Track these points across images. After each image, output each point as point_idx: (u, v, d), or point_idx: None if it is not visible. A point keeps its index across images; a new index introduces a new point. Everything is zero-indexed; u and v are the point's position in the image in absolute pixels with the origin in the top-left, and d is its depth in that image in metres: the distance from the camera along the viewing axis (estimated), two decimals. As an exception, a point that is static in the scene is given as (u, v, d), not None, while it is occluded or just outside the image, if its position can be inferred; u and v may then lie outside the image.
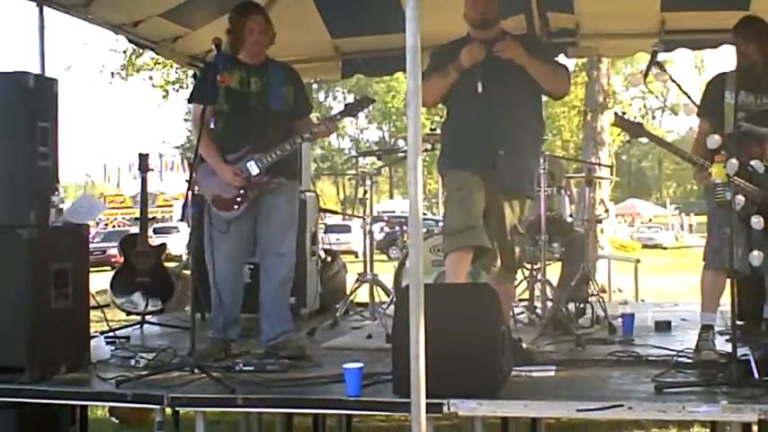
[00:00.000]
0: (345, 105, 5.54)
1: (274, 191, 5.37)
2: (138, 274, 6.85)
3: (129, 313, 6.98)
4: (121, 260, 7.15)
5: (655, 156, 69.13)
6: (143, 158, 6.93)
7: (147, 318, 6.82)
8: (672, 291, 13.33)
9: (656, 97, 45.41)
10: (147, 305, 6.80)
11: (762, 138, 5.01)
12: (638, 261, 11.35)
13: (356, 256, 23.24)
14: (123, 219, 38.28)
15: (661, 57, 4.80)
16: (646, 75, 4.77)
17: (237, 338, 5.50)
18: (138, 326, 6.69)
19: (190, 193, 5.00)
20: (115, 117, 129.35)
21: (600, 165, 12.70)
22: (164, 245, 7.33)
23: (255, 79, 5.40)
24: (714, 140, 4.39)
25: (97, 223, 36.26)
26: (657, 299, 9.98)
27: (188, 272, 5.23)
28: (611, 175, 10.89)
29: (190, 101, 5.58)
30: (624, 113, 4.85)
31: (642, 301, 10.03)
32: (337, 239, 25.29)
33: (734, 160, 4.26)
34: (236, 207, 5.31)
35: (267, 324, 5.42)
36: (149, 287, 6.83)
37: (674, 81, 4.72)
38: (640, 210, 54.56)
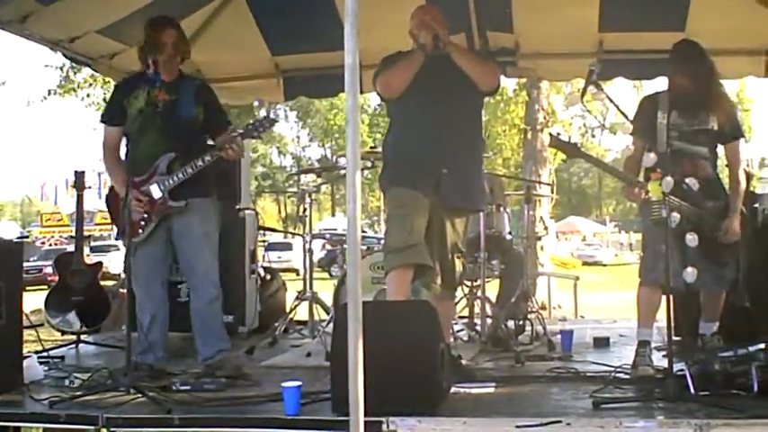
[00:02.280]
0: (247, 126, 5.39)
1: (184, 211, 5.29)
2: (74, 293, 6.72)
3: (63, 333, 6.85)
4: (56, 279, 7.02)
5: (595, 174, 70.09)
6: (79, 176, 6.81)
7: (83, 337, 6.70)
8: (611, 307, 13.44)
9: (595, 117, 46.10)
10: (82, 324, 6.67)
11: (694, 156, 5.13)
12: (577, 278, 11.47)
13: (297, 274, 23.07)
14: (60, 237, 37.65)
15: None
16: (583, 94, 4.82)
17: (155, 363, 5.28)
18: (73, 345, 6.59)
19: (126, 211, 4.91)
20: (53, 134, 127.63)
21: (540, 183, 12.82)
22: (100, 263, 7.22)
23: (164, 98, 5.30)
24: (650, 159, 4.46)
25: (34, 241, 35.67)
26: (597, 315, 10.05)
27: (125, 290, 5.15)
28: (552, 192, 10.95)
29: (101, 121, 5.50)
30: (559, 134, 4.88)
31: (582, 317, 10.12)
32: (279, 257, 25.15)
33: (669, 178, 4.33)
34: (140, 231, 5.23)
35: (201, 343, 5.35)
36: (84, 306, 6.71)
37: (610, 100, 4.78)
38: (580, 227, 55.21)
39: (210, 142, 5.50)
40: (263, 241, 9.87)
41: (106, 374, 4.97)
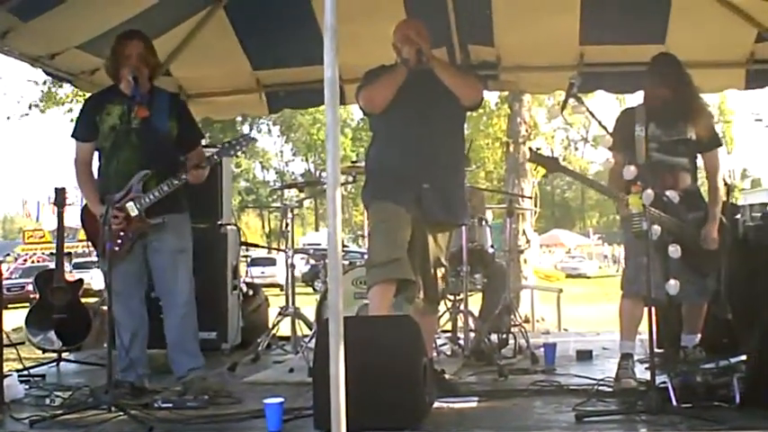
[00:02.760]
0: (224, 144, 5.38)
1: (159, 228, 5.25)
2: (55, 311, 6.67)
3: (44, 351, 6.80)
4: (37, 296, 6.96)
5: (578, 187, 70.27)
6: (59, 192, 6.77)
7: (64, 355, 6.65)
8: (595, 319, 13.46)
9: (576, 130, 46.25)
10: (61, 343, 6.62)
11: (674, 167, 5.16)
12: (560, 291, 11.50)
13: (281, 290, 23.03)
14: (43, 254, 37.45)
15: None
16: (563, 107, 4.82)
17: (137, 380, 5.19)
18: (55, 364, 6.53)
19: (106, 228, 4.88)
20: (35, 150, 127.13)
21: (522, 196, 12.84)
22: (81, 280, 7.16)
23: (144, 114, 5.23)
24: (630, 172, 4.46)
25: (16, 258, 35.49)
26: (580, 328, 10.06)
27: (106, 308, 5.11)
28: (535, 205, 10.98)
29: (72, 136, 5.45)
30: (539, 149, 4.87)
31: (565, 330, 10.13)
32: (262, 272, 25.13)
33: (649, 191, 4.34)
34: (115, 249, 5.14)
35: (174, 361, 5.33)
36: (66, 324, 6.65)
37: (590, 113, 4.77)
38: (564, 240, 55.39)
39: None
40: (246, 256, 9.80)
41: (87, 393, 4.93)
